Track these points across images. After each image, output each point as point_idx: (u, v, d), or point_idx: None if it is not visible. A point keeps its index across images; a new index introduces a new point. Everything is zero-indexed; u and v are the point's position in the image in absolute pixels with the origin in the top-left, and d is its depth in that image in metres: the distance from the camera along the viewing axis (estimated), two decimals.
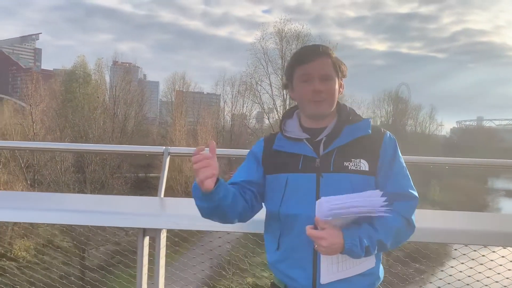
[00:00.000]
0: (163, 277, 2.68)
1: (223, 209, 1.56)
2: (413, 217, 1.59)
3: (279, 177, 1.64)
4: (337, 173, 1.56)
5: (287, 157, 1.64)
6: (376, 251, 1.51)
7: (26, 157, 25.95)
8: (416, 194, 1.62)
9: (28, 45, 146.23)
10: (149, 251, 2.71)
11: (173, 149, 3.20)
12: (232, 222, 1.68)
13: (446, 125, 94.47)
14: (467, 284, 3.10)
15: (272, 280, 1.73)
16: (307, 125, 1.69)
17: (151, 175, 29.53)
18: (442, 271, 3.26)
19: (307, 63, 1.62)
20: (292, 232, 1.59)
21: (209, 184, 1.44)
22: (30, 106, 30.60)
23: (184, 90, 44.16)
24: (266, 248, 1.70)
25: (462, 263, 3.20)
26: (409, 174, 1.65)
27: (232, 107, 44.58)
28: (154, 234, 2.60)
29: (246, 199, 1.66)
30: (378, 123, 52.63)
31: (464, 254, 3.22)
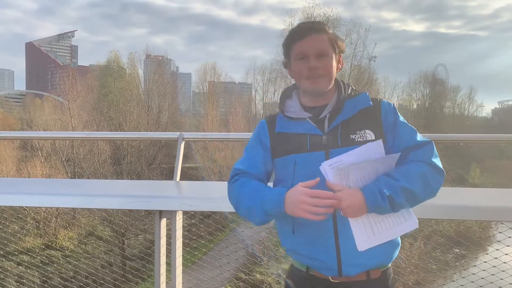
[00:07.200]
0: (180, 257, 2.76)
1: None
2: (435, 160, 1.55)
3: (288, 159, 1.63)
4: (345, 147, 1.56)
5: (293, 138, 1.63)
6: (405, 201, 1.46)
7: (66, 151, 26.89)
8: (428, 140, 1.61)
9: (64, 43, 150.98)
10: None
11: (188, 135, 3.24)
12: None
13: (487, 106, 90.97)
14: None
15: (290, 264, 1.72)
16: (308, 104, 1.68)
17: (187, 165, 29.93)
18: (487, 254, 3.10)
19: (302, 40, 1.61)
20: None
21: None
22: (68, 101, 31.59)
23: (215, 81, 44.40)
24: (280, 233, 1.70)
25: (508, 246, 3.04)
26: (415, 129, 1.64)
27: (263, 95, 44.53)
28: (170, 216, 2.69)
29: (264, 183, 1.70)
30: (415, 106, 51.33)
31: (510, 237, 3.06)
